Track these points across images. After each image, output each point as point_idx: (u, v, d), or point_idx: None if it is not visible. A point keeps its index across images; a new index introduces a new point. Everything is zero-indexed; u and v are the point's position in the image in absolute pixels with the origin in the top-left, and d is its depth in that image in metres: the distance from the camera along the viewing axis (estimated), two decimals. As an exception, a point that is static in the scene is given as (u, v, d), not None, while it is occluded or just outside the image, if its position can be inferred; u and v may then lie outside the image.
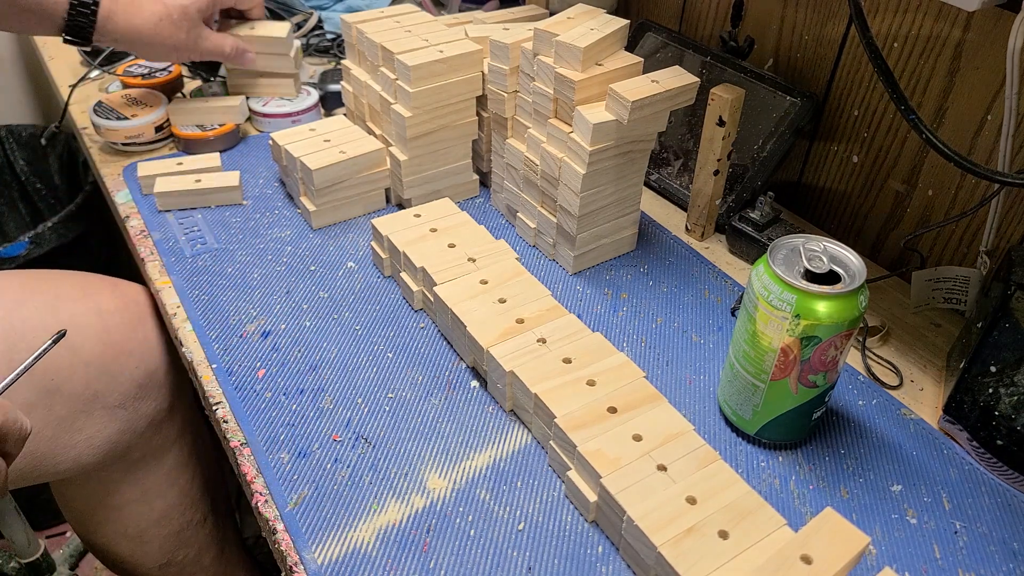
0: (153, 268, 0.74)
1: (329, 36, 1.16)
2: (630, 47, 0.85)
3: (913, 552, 0.52)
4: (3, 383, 0.49)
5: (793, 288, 0.50)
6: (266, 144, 0.93)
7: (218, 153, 0.88)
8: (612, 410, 0.54)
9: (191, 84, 1.04)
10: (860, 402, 0.63)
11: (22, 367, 0.51)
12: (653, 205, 0.87)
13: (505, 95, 0.74)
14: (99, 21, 0.77)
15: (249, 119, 0.96)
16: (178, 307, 0.69)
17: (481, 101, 0.80)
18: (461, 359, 0.65)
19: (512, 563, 0.50)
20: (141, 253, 0.76)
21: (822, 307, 0.50)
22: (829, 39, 0.78)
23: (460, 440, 0.58)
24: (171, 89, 0.98)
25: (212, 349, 0.65)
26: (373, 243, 0.74)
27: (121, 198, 0.83)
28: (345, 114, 0.93)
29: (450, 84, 0.76)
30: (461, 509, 0.53)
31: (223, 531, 0.92)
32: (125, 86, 0.97)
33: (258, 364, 0.64)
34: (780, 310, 0.51)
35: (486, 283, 0.65)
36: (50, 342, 0.53)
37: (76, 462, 0.71)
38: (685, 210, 0.85)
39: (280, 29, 0.92)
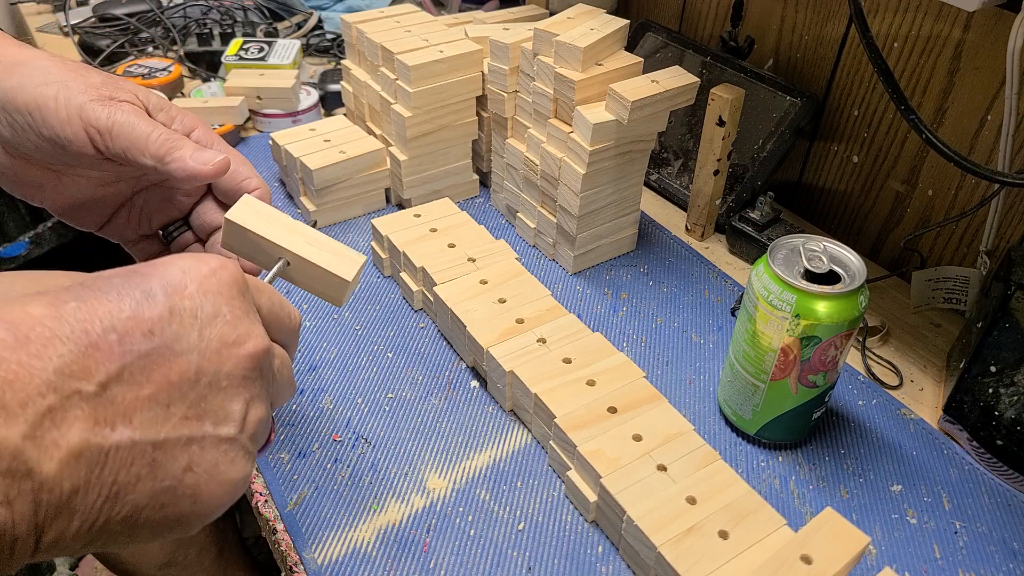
0: (153, 268, 0.74)
1: (329, 36, 1.16)
2: (630, 47, 0.85)
3: (913, 552, 0.52)
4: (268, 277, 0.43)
5: (793, 288, 0.50)
6: (266, 144, 0.93)
7: (218, 153, 0.88)
8: (612, 410, 0.54)
9: (191, 84, 1.04)
10: (860, 402, 0.63)
11: (271, 274, 0.44)
12: (653, 205, 0.87)
13: (505, 95, 0.74)
14: None
15: (249, 119, 0.96)
16: (178, 307, 0.69)
17: (481, 101, 0.80)
18: (461, 359, 0.65)
19: (512, 563, 0.50)
20: (141, 253, 0.76)
21: (822, 307, 0.50)
22: (829, 39, 0.78)
23: (460, 440, 0.58)
24: (171, 89, 0.98)
25: (212, 349, 0.65)
26: (373, 243, 0.74)
27: (121, 198, 0.83)
28: (345, 114, 0.93)
29: (450, 84, 0.76)
30: (461, 509, 0.53)
31: (223, 531, 0.92)
32: (125, 86, 0.97)
33: (258, 364, 0.63)
34: (780, 310, 0.51)
35: (486, 283, 0.65)
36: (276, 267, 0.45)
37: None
38: (685, 210, 0.85)
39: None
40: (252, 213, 0.43)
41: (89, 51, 1.08)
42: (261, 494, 0.54)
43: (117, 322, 0.28)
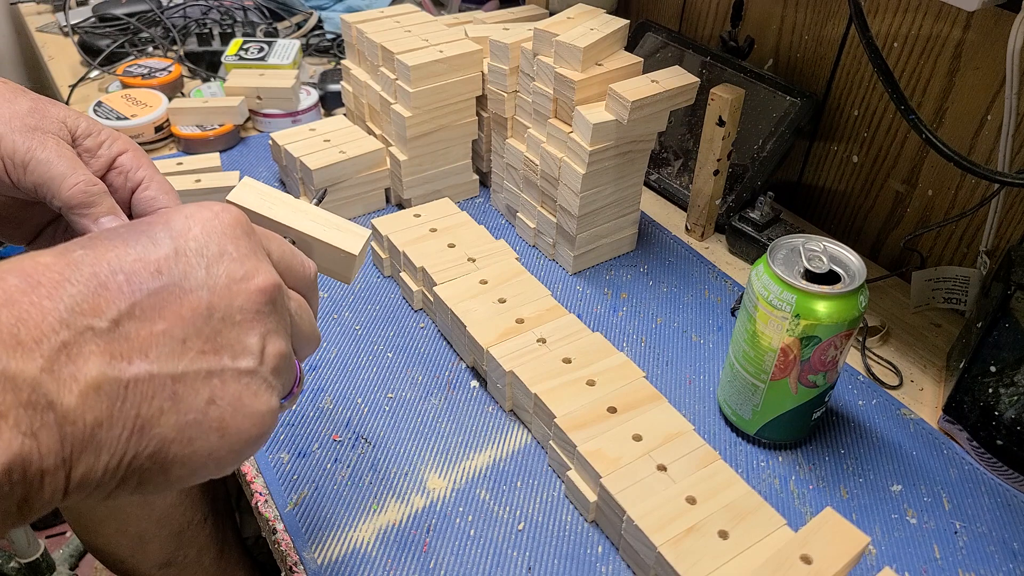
0: (153, 268, 0.74)
1: (329, 36, 1.16)
2: (630, 47, 0.85)
3: (913, 552, 0.52)
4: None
5: (793, 288, 0.50)
6: (266, 144, 0.93)
7: (218, 153, 0.88)
8: (612, 410, 0.54)
9: (191, 84, 1.04)
10: (860, 402, 0.63)
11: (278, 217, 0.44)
12: (653, 205, 0.87)
13: (505, 95, 0.74)
14: None
15: (249, 119, 0.96)
16: (178, 307, 0.69)
17: (481, 101, 0.80)
18: (461, 359, 0.65)
19: (512, 563, 0.50)
20: (141, 253, 0.76)
21: (822, 307, 0.50)
22: (829, 39, 0.78)
23: (460, 440, 0.58)
24: (171, 89, 0.98)
25: (212, 349, 0.65)
26: (373, 243, 0.74)
27: (121, 198, 0.83)
28: (345, 114, 0.93)
29: (450, 84, 0.76)
30: (461, 509, 0.53)
31: (223, 531, 0.92)
32: (125, 86, 0.97)
33: (258, 364, 0.63)
34: (780, 310, 0.51)
35: (486, 283, 0.65)
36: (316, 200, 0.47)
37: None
38: (685, 210, 0.85)
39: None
40: (254, 194, 0.43)
41: (89, 51, 1.08)
42: (261, 494, 0.54)
43: (124, 264, 0.29)
